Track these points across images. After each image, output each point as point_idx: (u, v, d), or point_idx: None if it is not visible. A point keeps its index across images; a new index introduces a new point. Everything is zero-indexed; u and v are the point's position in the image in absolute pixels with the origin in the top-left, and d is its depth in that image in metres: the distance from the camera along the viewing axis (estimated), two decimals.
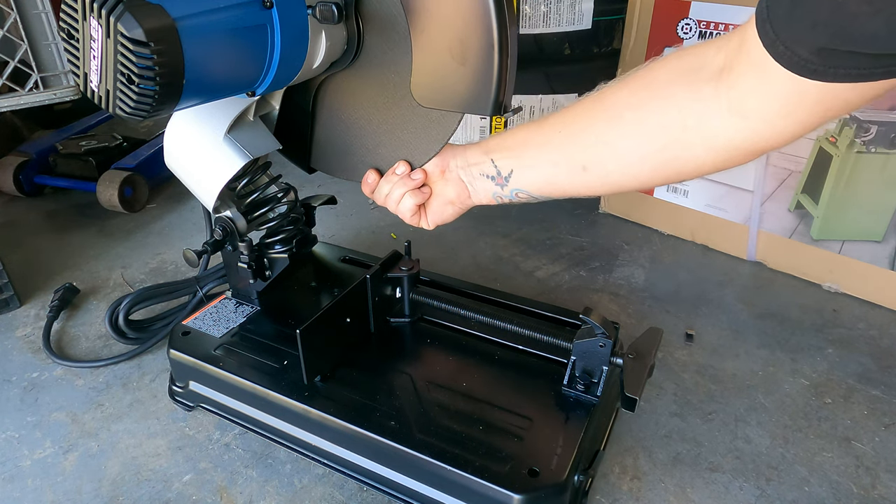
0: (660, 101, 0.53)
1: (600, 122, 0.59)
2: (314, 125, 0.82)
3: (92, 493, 0.78)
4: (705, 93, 0.50)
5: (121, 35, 0.52)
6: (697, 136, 0.52)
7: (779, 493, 0.77)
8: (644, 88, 0.55)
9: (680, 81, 0.52)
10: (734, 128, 0.49)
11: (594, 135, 0.60)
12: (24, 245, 1.32)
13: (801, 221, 1.14)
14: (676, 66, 0.53)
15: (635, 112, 0.56)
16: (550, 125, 0.64)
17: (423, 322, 0.88)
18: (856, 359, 0.98)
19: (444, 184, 0.73)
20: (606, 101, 0.59)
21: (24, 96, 1.11)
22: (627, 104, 0.56)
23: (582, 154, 0.61)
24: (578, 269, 1.21)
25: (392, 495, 0.74)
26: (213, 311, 0.91)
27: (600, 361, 0.73)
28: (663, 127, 0.54)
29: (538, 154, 0.65)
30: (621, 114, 0.57)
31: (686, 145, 0.53)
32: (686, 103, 0.51)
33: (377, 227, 1.37)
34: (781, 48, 0.42)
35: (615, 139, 0.58)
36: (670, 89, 0.53)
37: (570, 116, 0.62)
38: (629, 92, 0.56)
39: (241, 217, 0.86)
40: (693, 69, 0.51)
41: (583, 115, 0.61)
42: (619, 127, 0.57)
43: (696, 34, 1.14)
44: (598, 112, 0.59)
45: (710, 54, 0.50)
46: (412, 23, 0.67)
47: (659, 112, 0.54)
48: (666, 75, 0.53)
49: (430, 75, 0.69)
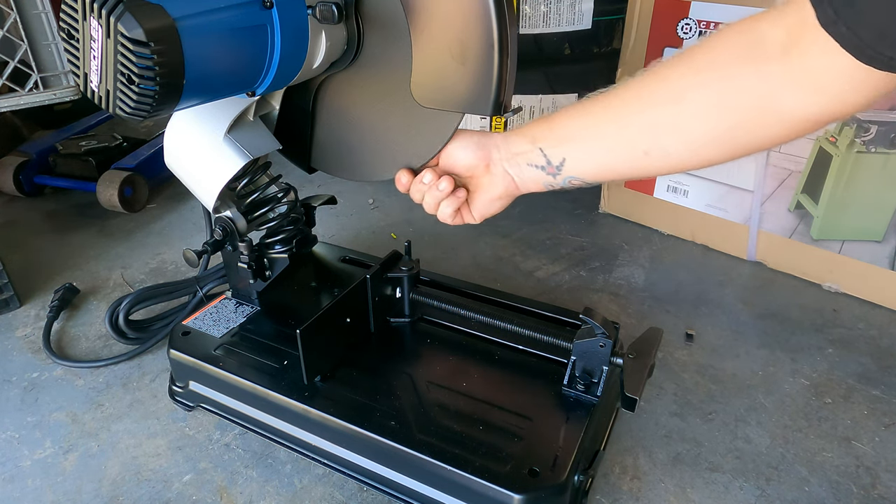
0: (728, 82, 0.52)
1: (662, 106, 0.56)
2: (314, 125, 0.82)
3: (92, 493, 0.78)
4: (773, 70, 0.49)
5: (121, 35, 0.52)
6: (771, 114, 0.51)
7: (779, 493, 0.77)
8: (708, 68, 0.53)
9: (744, 60, 0.50)
10: (808, 102, 0.48)
11: (655, 118, 0.57)
12: (24, 245, 1.32)
13: (801, 221, 1.14)
14: (736, 43, 0.51)
15: (701, 93, 0.54)
16: (602, 109, 0.61)
17: (423, 322, 0.88)
18: (856, 359, 0.98)
19: (490, 179, 0.69)
20: (667, 83, 0.56)
21: (24, 96, 1.11)
22: (691, 85, 0.54)
23: (642, 139, 0.59)
24: (578, 269, 1.21)
25: (392, 495, 0.74)
26: (213, 311, 0.91)
27: (600, 361, 0.73)
28: (734, 107, 0.52)
29: (592, 141, 0.62)
30: (684, 95, 0.54)
31: (759, 123, 0.52)
32: (755, 82, 0.50)
33: (377, 227, 1.37)
34: (842, 29, 0.42)
35: (681, 122, 0.56)
36: (736, 68, 0.51)
37: (623, 100, 0.59)
38: (692, 72, 0.54)
39: (241, 217, 0.86)
40: (754, 45, 0.50)
41: (638, 97, 0.58)
42: (685, 109, 0.55)
43: (696, 34, 1.14)
44: (657, 95, 0.57)
45: (765, 29, 0.49)
46: (412, 23, 0.68)
47: (728, 92, 0.52)
48: (727, 54, 0.52)
49: (430, 75, 0.69)
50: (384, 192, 1.50)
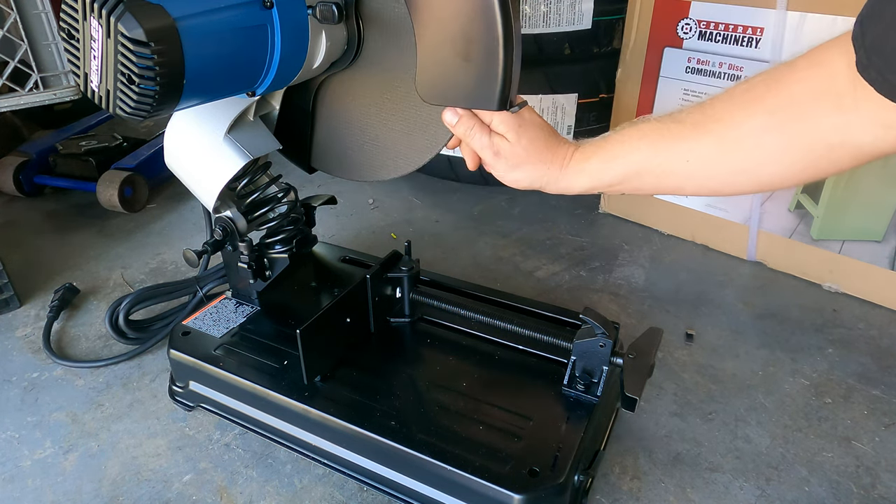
0: (804, 124, 0.51)
1: (736, 153, 0.55)
2: (314, 125, 0.82)
3: (92, 493, 0.78)
4: (847, 106, 0.48)
5: (121, 35, 0.52)
6: (844, 151, 0.50)
7: (779, 493, 0.77)
8: (784, 108, 0.52)
9: (823, 97, 0.50)
10: (879, 137, 0.48)
11: (730, 164, 0.56)
12: (24, 245, 1.32)
13: (801, 221, 1.14)
14: (814, 79, 0.50)
15: (778, 137, 0.52)
16: (669, 149, 0.59)
17: (423, 322, 0.88)
18: (856, 359, 0.98)
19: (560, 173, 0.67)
20: (739, 127, 0.54)
21: (24, 96, 1.11)
22: (766, 127, 0.53)
23: (706, 180, 0.58)
24: (578, 269, 1.21)
25: (392, 495, 0.74)
26: (213, 311, 0.91)
27: (600, 361, 0.73)
28: (809, 149, 0.52)
29: (652, 180, 0.61)
30: (761, 141, 0.53)
31: (832, 160, 0.52)
32: (831, 121, 0.50)
33: (377, 227, 1.37)
34: (874, 74, 0.43)
35: (755, 167, 0.55)
36: (813, 108, 0.50)
37: (699, 142, 0.57)
38: (767, 113, 0.53)
39: (242, 217, 0.86)
40: (829, 80, 0.49)
41: (714, 140, 0.56)
42: (762, 155, 0.54)
43: (696, 34, 1.14)
44: (731, 141, 0.55)
45: (835, 61, 0.48)
46: (416, 19, 0.67)
47: (805, 134, 0.51)
48: (806, 91, 0.51)
49: (434, 72, 0.69)
50: (384, 192, 1.50)
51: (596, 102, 1.34)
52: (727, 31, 1.11)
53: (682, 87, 1.19)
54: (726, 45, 1.12)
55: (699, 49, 1.15)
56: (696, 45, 1.15)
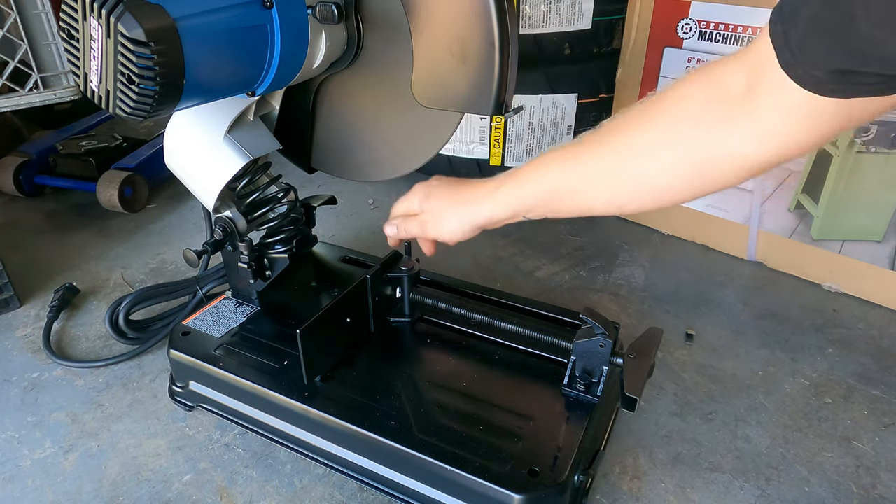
0: (695, 138, 0.53)
1: (634, 164, 0.57)
2: (314, 125, 0.82)
3: (92, 493, 0.78)
4: (735, 120, 0.49)
5: (121, 35, 0.52)
6: (728, 162, 0.52)
7: (779, 493, 0.77)
8: (675, 122, 0.54)
9: (711, 112, 0.51)
10: (762, 147, 0.49)
11: (630, 176, 0.58)
12: (24, 245, 1.32)
13: (801, 221, 1.14)
14: (704, 95, 0.52)
15: (670, 150, 0.54)
16: (576, 168, 0.62)
17: (423, 322, 0.88)
18: (856, 359, 0.98)
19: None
20: (640, 138, 0.57)
21: (24, 96, 1.11)
22: (662, 142, 0.55)
23: (611, 194, 0.60)
24: (578, 269, 1.21)
25: (392, 495, 0.74)
26: (213, 311, 0.91)
27: (600, 361, 0.73)
28: (697, 161, 0.53)
29: (565, 200, 0.64)
30: (656, 155, 0.55)
31: (717, 171, 0.53)
32: (719, 135, 0.51)
33: (377, 227, 1.37)
34: (800, 71, 0.42)
35: (652, 179, 0.57)
36: (703, 121, 0.52)
37: (601, 158, 0.60)
38: (660, 129, 0.55)
39: (241, 217, 0.86)
40: (720, 95, 0.50)
41: (613, 154, 0.59)
42: (657, 168, 0.56)
43: (695, 34, 1.14)
44: (629, 154, 0.57)
45: (729, 76, 0.50)
46: (413, 22, 0.68)
47: (694, 147, 0.53)
48: (695, 106, 0.53)
49: (430, 74, 0.69)
50: (384, 192, 1.50)
51: (596, 102, 1.34)
52: (727, 31, 1.11)
53: None
54: (726, 45, 1.12)
55: (699, 49, 1.15)
56: (696, 45, 1.15)
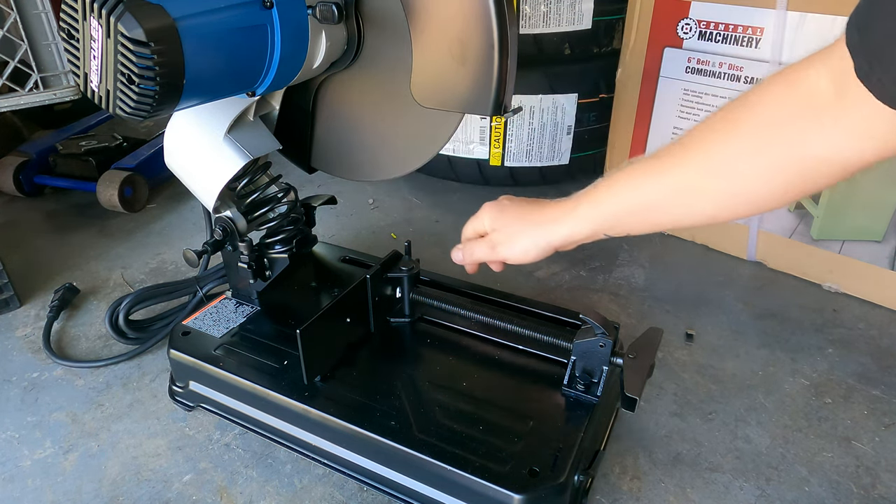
0: (783, 145, 0.51)
1: (719, 180, 0.55)
2: (314, 125, 0.82)
3: (92, 493, 0.78)
4: (828, 122, 0.48)
5: (121, 35, 0.52)
6: (825, 165, 0.50)
7: (779, 493, 0.77)
8: (767, 127, 0.52)
9: (802, 115, 0.49)
10: (863, 147, 0.48)
11: (716, 192, 0.56)
12: (24, 245, 1.32)
13: (801, 221, 1.14)
14: (791, 99, 0.50)
15: (758, 160, 0.52)
16: (663, 181, 0.59)
17: (423, 322, 0.88)
18: (856, 359, 0.98)
19: None
20: (728, 148, 0.54)
21: (24, 96, 1.11)
22: (744, 153, 0.53)
23: (703, 205, 0.58)
24: (578, 269, 1.21)
25: (392, 495, 0.74)
26: (213, 311, 0.91)
27: (600, 361, 0.73)
28: (794, 165, 0.51)
29: (651, 216, 0.61)
30: (740, 168, 0.53)
31: (816, 177, 0.52)
32: (814, 138, 0.49)
33: (377, 227, 1.37)
34: (874, 80, 0.42)
35: (742, 192, 0.55)
36: (791, 128, 0.50)
37: (683, 175, 0.57)
38: (752, 135, 0.52)
39: (241, 217, 0.86)
40: (807, 98, 0.49)
41: (696, 170, 0.57)
42: (744, 181, 0.54)
43: (695, 34, 1.14)
44: (712, 170, 0.55)
45: (812, 79, 0.48)
46: (412, 23, 0.68)
47: (790, 151, 0.51)
48: (784, 110, 0.50)
49: (430, 75, 0.69)
50: (384, 192, 1.50)
51: (596, 102, 1.34)
52: (727, 31, 1.11)
53: (682, 87, 1.19)
54: (726, 45, 1.12)
55: (699, 49, 1.15)
56: (696, 45, 1.15)
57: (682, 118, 1.21)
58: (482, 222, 0.74)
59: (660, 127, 1.25)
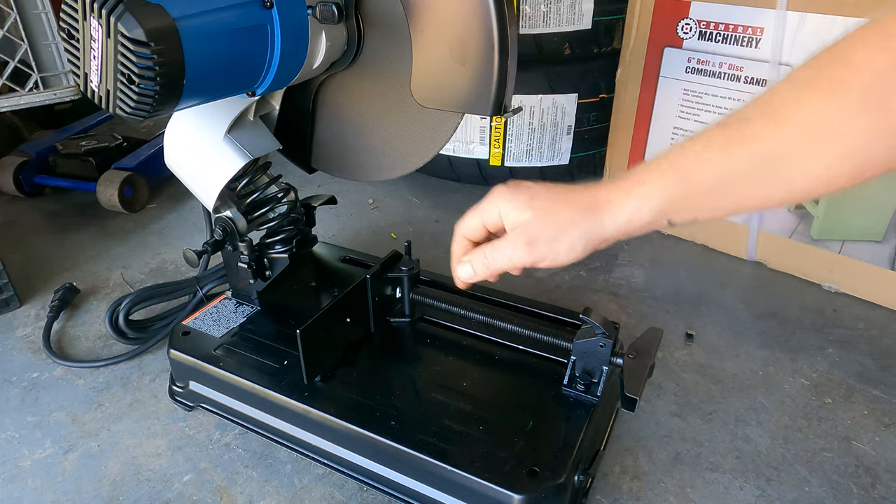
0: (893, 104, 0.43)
1: (829, 139, 0.46)
2: (314, 125, 0.82)
3: (92, 493, 0.78)
4: None
5: (121, 35, 0.52)
6: None
7: (779, 493, 0.77)
8: (865, 89, 0.44)
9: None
10: None
11: (817, 155, 0.47)
12: (24, 245, 1.32)
13: (801, 221, 1.14)
14: (889, 57, 0.43)
15: (870, 118, 0.45)
16: (746, 152, 0.49)
17: (423, 322, 0.88)
18: (856, 359, 0.98)
19: None
20: (823, 112, 0.46)
21: (24, 96, 1.11)
22: (856, 111, 0.45)
23: (797, 180, 0.49)
24: (578, 269, 1.21)
25: (392, 495, 0.74)
26: (213, 311, 0.91)
27: (600, 361, 0.73)
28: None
29: (731, 193, 0.51)
30: (856, 123, 0.45)
31: None
32: None
33: (377, 227, 1.37)
34: None
35: (849, 153, 0.47)
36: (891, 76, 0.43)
37: (781, 138, 0.48)
38: (849, 97, 0.45)
39: (242, 217, 0.87)
40: None
41: (794, 131, 0.47)
42: (853, 137, 0.46)
43: (695, 34, 1.14)
44: (820, 127, 0.47)
45: None
46: (412, 23, 0.68)
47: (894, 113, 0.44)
48: (882, 71, 0.43)
49: (430, 75, 0.69)
50: (384, 192, 1.50)
51: (596, 102, 1.34)
52: (727, 31, 1.11)
53: (682, 87, 1.19)
54: (726, 45, 1.12)
55: (699, 49, 1.15)
56: (696, 45, 1.15)
57: (683, 118, 1.21)
58: (494, 212, 0.59)
59: (660, 127, 1.25)
